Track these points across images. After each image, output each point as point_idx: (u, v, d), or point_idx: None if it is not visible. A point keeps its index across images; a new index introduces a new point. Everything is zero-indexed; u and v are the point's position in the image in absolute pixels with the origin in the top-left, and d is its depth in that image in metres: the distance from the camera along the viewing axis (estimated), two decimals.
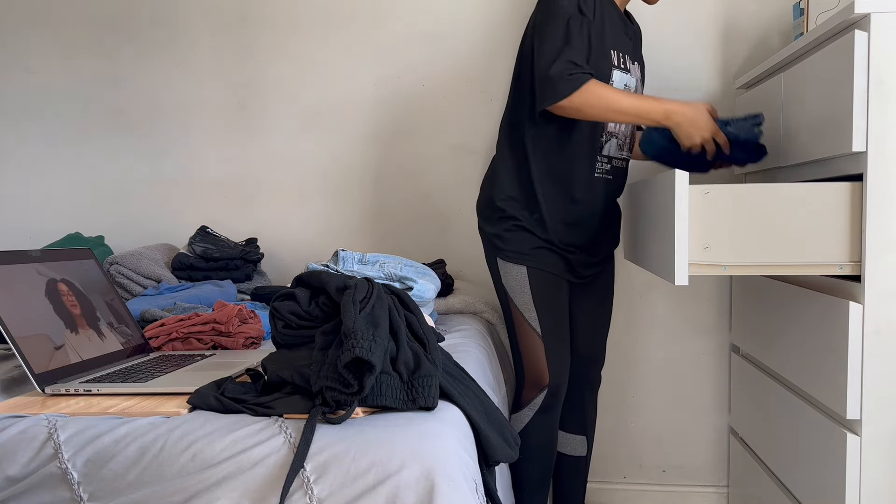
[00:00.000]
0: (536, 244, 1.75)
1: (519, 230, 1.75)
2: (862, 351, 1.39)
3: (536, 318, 1.75)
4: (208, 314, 1.57)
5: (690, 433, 2.32)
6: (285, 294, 1.18)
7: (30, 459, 1.02)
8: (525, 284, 1.75)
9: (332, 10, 2.36)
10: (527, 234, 1.75)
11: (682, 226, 1.42)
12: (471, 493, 0.97)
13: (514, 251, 1.76)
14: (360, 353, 0.99)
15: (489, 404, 1.21)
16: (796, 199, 1.43)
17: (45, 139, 2.51)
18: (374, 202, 2.39)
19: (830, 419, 1.49)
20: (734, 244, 1.45)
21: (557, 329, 1.78)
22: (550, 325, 1.76)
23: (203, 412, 1.08)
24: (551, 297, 1.77)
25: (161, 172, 2.47)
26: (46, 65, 2.49)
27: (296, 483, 0.96)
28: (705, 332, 2.29)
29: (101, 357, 1.36)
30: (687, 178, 1.42)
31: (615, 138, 1.80)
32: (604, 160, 1.79)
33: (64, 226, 2.51)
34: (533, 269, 1.75)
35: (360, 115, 2.38)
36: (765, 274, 1.50)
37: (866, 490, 1.40)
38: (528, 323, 1.76)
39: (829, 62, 1.48)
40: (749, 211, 1.44)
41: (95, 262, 1.52)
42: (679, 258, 1.42)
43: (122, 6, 2.44)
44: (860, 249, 1.41)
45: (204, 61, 2.43)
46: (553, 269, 1.76)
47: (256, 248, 2.29)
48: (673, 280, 1.43)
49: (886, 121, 1.37)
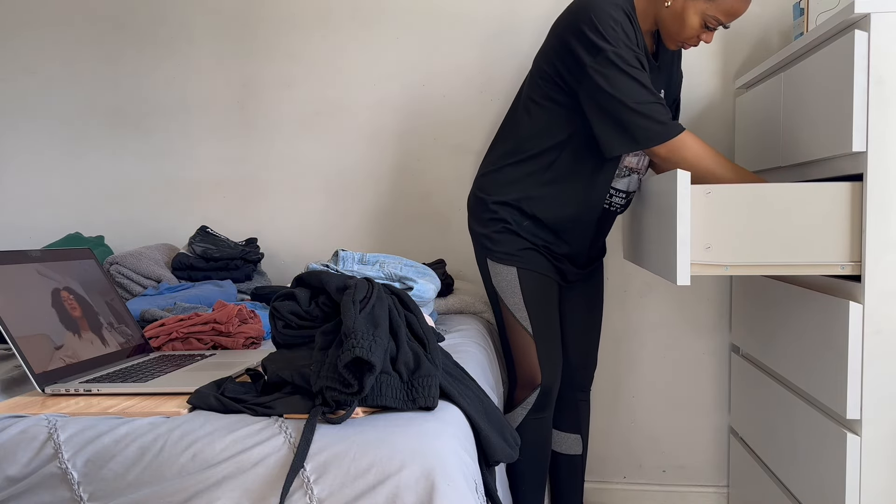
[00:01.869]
0: (525, 246, 1.75)
1: (508, 232, 1.75)
2: (862, 351, 1.39)
3: (527, 318, 1.76)
4: (208, 314, 1.57)
5: (690, 433, 2.31)
6: (285, 294, 1.18)
7: (30, 459, 1.02)
8: (515, 285, 1.75)
9: (332, 10, 2.36)
10: (516, 237, 1.75)
11: (683, 226, 1.42)
12: (471, 493, 0.97)
13: (504, 252, 1.76)
14: (360, 353, 0.99)
15: (489, 404, 1.21)
16: (796, 199, 1.43)
17: (45, 139, 2.51)
18: (374, 202, 2.39)
19: (830, 419, 1.49)
20: (735, 244, 1.45)
21: (548, 329, 1.78)
22: (541, 325, 1.77)
23: (203, 412, 1.08)
24: (542, 297, 1.77)
25: (161, 172, 2.47)
26: (46, 65, 2.49)
27: (296, 483, 0.96)
28: (705, 332, 2.29)
29: (101, 357, 1.36)
30: (689, 177, 1.42)
31: (637, 174, 1.79)
32: (620, 194, 1.79)
33: (64, 226, 2.51)
34: (523, 269, 1.75)
35: (360, 115, 2.38)
36: (765, 274, 1.49)
37: (866, 490, 1.40)
38: (519, 323, 1.76)
39: (829, 62, 1.48)
40: (750, 211, 1.44)
41: (95, 262, 1.51)
42: (681, 258, 1.42)
43: (122, 6, 2.44)
44: (860, 249, 1.41)
45: (204, 61, 2.43)
46: (543, 269, 1.77)
47: (256, 248, 2.29)
48: (675, 280, 1.43)
49: (886, 121, 1.37)
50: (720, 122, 2.23)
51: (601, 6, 1.60)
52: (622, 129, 1.60)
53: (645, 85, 1.58)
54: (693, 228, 1.45)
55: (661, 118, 1.58)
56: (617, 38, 1.57)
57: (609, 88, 1.57)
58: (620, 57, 1.57)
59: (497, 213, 1.76)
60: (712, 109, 2.23)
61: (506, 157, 1.78)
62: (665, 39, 1.72)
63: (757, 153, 1.94)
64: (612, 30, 1.57)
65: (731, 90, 2.22)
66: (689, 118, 2.22)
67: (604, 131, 1.62)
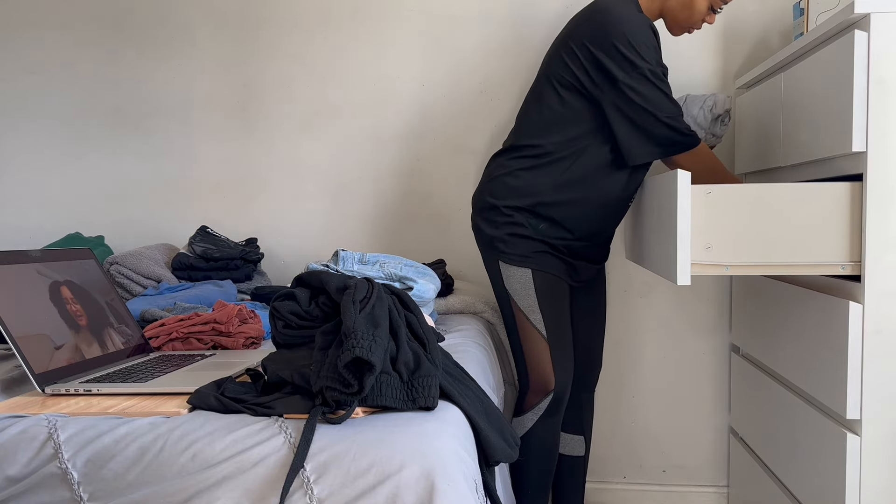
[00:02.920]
0: (539, 248, 1.75)
1: (522, 236, 1.75)
2: (862, 351, 1.39)
3: (542, 319, 1.75)
4: (208, 314, 1.57)
5: (690, 433, 2.31)
6: (285, 294, 1.18)
7: (30, 459, 1.02)
8: (530, 287, 1.75)
9: (332, 10, 2.36)
10: (530, 240, 1.75)
11: (684, 225, 1.42)
12: (471, 493, 0.97)
13: (518, 255, 1.75)
14: (360, 353, 0.99)
15: (489, 404, 1.21)
16: (796, 199, 1.43)
17: (45, 139, 2.51)
18: (374, 202, 2.39)
19: (830, 419, 1.49)
20: (736, 244, 1.45)
21: (561, 331, 1.77)
22: (555, 327, 1.76)
23: (203, 412, 1.08)
24: (555, 299, 1.77)
25: (161, 172, 2.47)
26: (46, 65, 2.49)
27: (296, 483, 0.96)
28: (705, 332, 2.29)
29: (101, 357, 1.36)
30: (689, 177, 1.42)
31: None
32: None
33: (64, 226, 2.51)
34: (538, 271, 1.75)
35: (360, 115, 2.38)
36: (765, 274, 1.49)
37: (866, 490, 1.40)
38: (532, 326, 1.76)
39: (829, 62, 1.48)
40: (751, 211, 1.44)
41: (95, 262, 1.51)
42: (681, 258, 1.42)
43: (122, 6, 2.44)
44: (860, 249, 1.41)
45: (204, 61, 2.43)
46: (556, 271, 1.76)
47: (256, 248, 2.29)
48: (675, 280, 1.43)
49: (886, 121, 1.37)
50: None
51: (633, 22, 1.64)
52: (648, 138, 1.68)
53: (671, 98, 1.67)
54: (693, 228, 1.45)
55: (686, 130, 1.69)
56: (650, 55, 1.65)
57: (643, 102, 1.64)
58: (655, 74, 1.65)
59: (512, 217, 1.75)
60: None
61: (520, 162, 1.76)
62: (671, 27, 1.80)
63: (757, 153, 1.94)
64: (646, 47, 1.64)
65: (732, 90, 2.21)
66: None
67: (630, 141, 1.68)
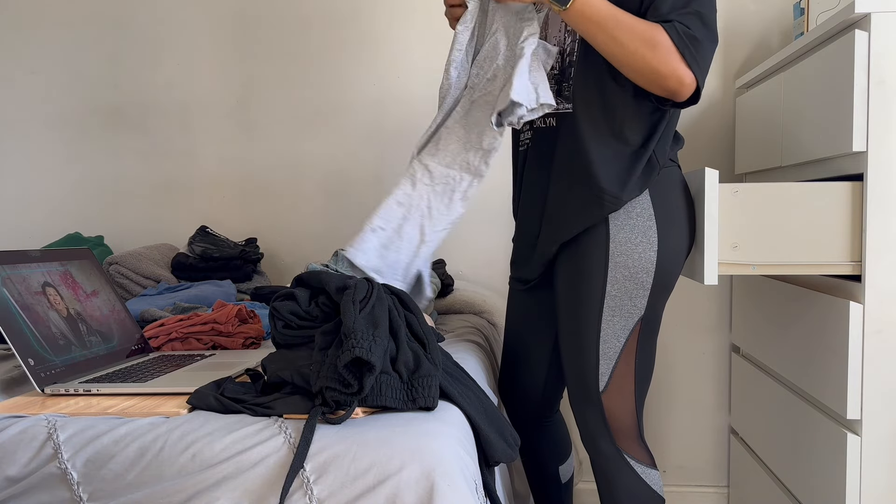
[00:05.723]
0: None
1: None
2: (862, 351, 1.39)
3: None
4: (208, 314, 1.57)
5: (690, 433, 2.31)
6: (285, 294, 1.18)
7: (29, 459, 1.02)
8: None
9: (332, 10, 2.36)
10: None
11: (712, 225, 1.42)
12: (471, 493, 0.97)
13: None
14: (359, 353, 0.99)
15: (489, 404, 1.20)
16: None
17: (45, 139, 2.51)
18: (374, 202, 2.39)
19: (831, 419, 1.49)
20: (761, 243, 1.46)
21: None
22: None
23: (203, 412, 1.08)
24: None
25: (161, 172, 2.47)
26: (46, 65, 2.49)
27: (296, 483, 0.95)
28: (705, 332, 2.29)
29: (101, 357, 1.36)
30: (717, 175, 1.42)
31: None
32: None
33: (64, 226, 2.51)
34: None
35: (360, 115, 2.37)
36: (766, 274, 1.49)
37: (866, 490, 1.40)
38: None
39: (829, 62, 1.48)
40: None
41: (95, 263, 1.51)
42: (708, 257, 1.42)
43: (122, 6, 2.44)
44: (860, 249, 1.41)
45: (204, 61, 2.42)
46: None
47: (256, 248, 2.29)
48: (702, 280, 1.43)
49: (886, 121, 1.37)
50: (720, 122, 2.23)
51: None
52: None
53: None
54: (720, 227, 1.46)
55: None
56: None
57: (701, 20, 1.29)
58: None
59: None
60: (712, 109, 2.23)
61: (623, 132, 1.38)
62: None
63: (757, 153, 1.94)
64: None
65: (732, 90, 2.21)
66: (690, 118, 2.22)
67: None
